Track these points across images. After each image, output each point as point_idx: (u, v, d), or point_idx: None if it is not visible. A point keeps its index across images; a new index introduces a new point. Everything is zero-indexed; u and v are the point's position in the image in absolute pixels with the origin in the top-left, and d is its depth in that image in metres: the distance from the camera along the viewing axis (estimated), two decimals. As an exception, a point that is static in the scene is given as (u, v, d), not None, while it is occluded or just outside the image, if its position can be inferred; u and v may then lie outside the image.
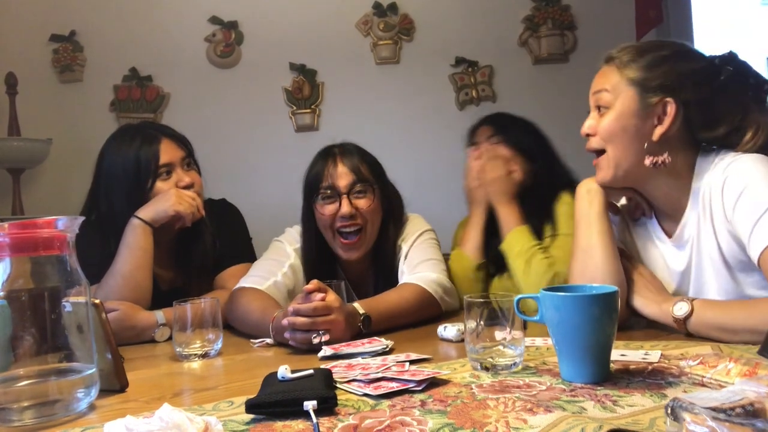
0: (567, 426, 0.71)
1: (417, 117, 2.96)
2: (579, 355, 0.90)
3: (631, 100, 1.20)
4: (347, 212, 1.55)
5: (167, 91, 2.96)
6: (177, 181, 1.60)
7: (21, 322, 0.87)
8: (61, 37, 2.92)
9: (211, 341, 1.25)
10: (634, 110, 1.19)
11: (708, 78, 1.19)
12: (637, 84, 1.19)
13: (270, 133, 2.94)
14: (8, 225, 0.87)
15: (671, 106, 1.17)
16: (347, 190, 1.56)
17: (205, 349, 1.24)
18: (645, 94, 1.18)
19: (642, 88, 1.19)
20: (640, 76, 1.19)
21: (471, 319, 1.00)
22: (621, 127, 1.20)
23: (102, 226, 1.61)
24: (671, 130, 1.18)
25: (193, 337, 1.24)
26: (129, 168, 1.59)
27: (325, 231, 1.60)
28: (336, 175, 1.57)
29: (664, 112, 1.18)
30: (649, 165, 1.19)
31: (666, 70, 1.18)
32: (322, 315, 1.22)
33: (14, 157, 2.68)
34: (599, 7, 2.98)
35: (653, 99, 1.18)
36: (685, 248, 1.24)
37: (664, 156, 1.19)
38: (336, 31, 2.98)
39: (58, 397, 0.86)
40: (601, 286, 0.98)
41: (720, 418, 0.59)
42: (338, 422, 0.77)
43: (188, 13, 2.97)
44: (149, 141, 1.61)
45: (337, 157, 1.60)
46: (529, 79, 2.98)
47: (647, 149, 1.19)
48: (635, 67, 1.20)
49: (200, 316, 1.25)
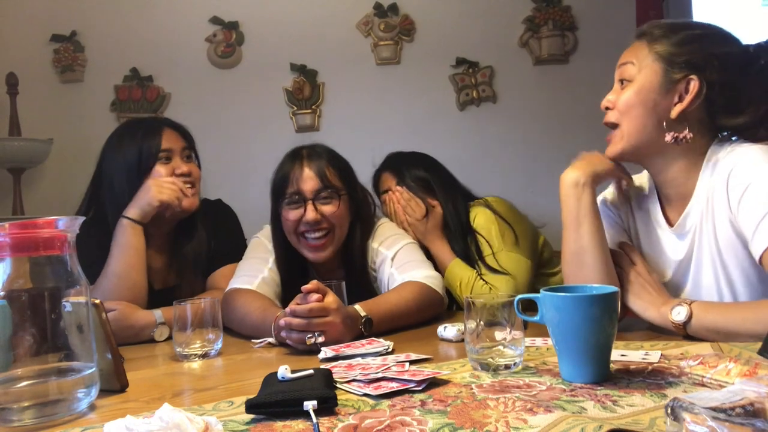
0: (567, 426, 0.71)
1: (417, 118, 2.96)
2: (579, 355, 0.90)
3: (654, 74, 1.18)
4: (311, 218, 1.53)
5: (168, 91, 2.96)
6: (174, 168, 1.61)
7: (21, 322, 0.87)
8: (61, 37, 2.92)
9: (211, 341, 1.26)
10: (656, 85, 1.18)
11: (738, 63, 1.17)
12: (663, 59, 1.18)
13: (271, 133, 2.94)
14: (8, 225, 0.87)
15: (695, 83, 1.15)
16: (312, 196, 1.54)
17: (205, 349, 1.24)
18: (670, 69, 1.17)
19: (668, 63, 1.17)
20: (668, 50, 1.18)
21: (471, 319, 1.00)
22: (640, 101, 1.19)
23: (101, 222, 1.61)
24: (690, 108, 1.16)
25: (193, 337, 1.24)
26: (131, 157, 1.60)
27: (290, 235, 1.59)
28: (302, 180, 1.55)
29: (686, 90, 1.16)
30: (670, 140, 1.17)
31: (695, 48, 1.17)
32: (318, 316, 1.21)
33: (15, 157, 2.68)
34: (600, 7, 2.97)
35: (677, 75, 1.16)
36: (686, 238, 1.23)
37: (686, 132, 1.16)
38: (337, 31, 2.98)
39: (58, 397, 0.86)
40: (601, 286, 0.98)
41: (720, 418, 0.59)
42: (338, 422, 0.77)
43: (189, 13, 2.97)
44: (152, 130, 1.64)
45: (304, 160, 1.57)
46: (530, 80, 2.98)
47: (668, 125, 1.18)
48: (665, 43, 1.19)
49: (200, 316, 1.25)
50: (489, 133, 2.95)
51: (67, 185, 2.79)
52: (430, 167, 1.89)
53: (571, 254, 1.25)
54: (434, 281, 1.52)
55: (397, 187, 1.84)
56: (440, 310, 1.54)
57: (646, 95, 1.19)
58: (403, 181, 1.83)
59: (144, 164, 1.60)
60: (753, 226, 1.08)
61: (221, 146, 2.78)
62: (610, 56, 3.02)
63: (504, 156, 2.93)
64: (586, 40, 2.97)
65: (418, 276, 1.52)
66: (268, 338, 1.33)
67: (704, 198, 1.18)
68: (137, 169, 1.60)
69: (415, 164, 1.88)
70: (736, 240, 1.15)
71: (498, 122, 2.94)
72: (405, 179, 1.84)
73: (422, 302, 1.47)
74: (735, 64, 1.17)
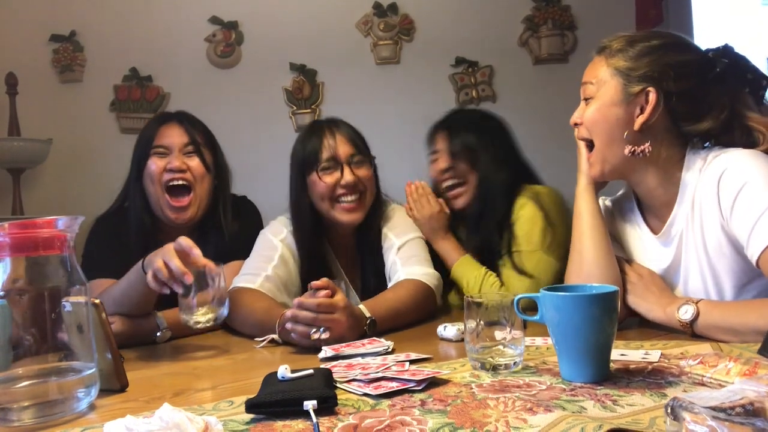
0: (567, 426, 0.71)
1: (417, 117, 2.95)
2: (579, 354, 0.90)
3: (614, 89, 1.20)
4: (351, 180, 1.58)
5: (167, 91, 2.96)
6: (167, 163, 1.60)
7: (21, 322, 0.87)
8: (61, 37, 2.92)
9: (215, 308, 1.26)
10: (616, 100, 1.20)
11: (695, 71, 1.18)
12: (621, 73, 1.20)
13: (270, 133, 2.93)
14: (8, 225, 0.87)
15: (652, 94, 1.16)
16: (348, 160, 1.60)
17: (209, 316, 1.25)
18: (628, 83, 1.19)
19: (625, 77, 1.19)
20: (625, 65, 1.19)
21: (471, 318, 1.00)
22: (603, 117, 1.21)
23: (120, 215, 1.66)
24: (652, 119, 1.18)
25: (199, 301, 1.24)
26: (136, 144, 1.66)
27: (323, 202, 1.60)
28: (336, 146, 1.60)
29: (646, 101, 1.17)
30: (628, 154, 1.19)
31: (652, 60, 1.18)
32: (325, 312, 1.22)
33: (14, 157, 2.68)
34: (599, 7, 2.97)
35: (636, 88, 1.18)
36: (671, 245, 1.23)
37: (645, 146, 1.18)
38: (336, 31, 2.98)
39: (58, 397, 0.86)
40: (601, 286, 0.98)
41: (720, 418, 0.59)
42: (338, 422, 0.77)
43: (188, 13, 2.97)
44: (157, 121, 1.67)
45: (333, 129, 1.63)
46: (530, 79, 2.98)
47: (627, 138, 1.19)
48: (622, 57, 1.20)
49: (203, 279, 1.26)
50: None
51: (66, 185, 2.80)
52: (486, 136, 1.77)
53: (575, 251, 1.29)
54: (432, 280, 1.56)
55: (416, 182, 1.82)
56: (434, 306, 1.58)
57: (608, 110, 1.21)
58: (451, 144, 1.76)
59: (142, 158, 1.61)
60: (748, 229, 1.08)
61: (221, 146, 2.77)
62: (609, 56, 2.97)
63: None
64: (585, 39, 2.97)
65: (418, 273, 1.55)
66: (271, 335, 1.33)
67: (689, 203, 1.19)
68: (137, 165, 1.62)
69: (472, 129, 1.78)
70: (726, 244, 1.15)
71: (497, 122, 2.94)
72: (453, 142, 1.76)
73: (420, 301, 1.50)
74: (692, 72, 1.18)
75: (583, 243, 1.27)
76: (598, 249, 1.25)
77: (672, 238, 1.23)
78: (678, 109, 1.18)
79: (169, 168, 1.60)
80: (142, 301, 1.38)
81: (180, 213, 1.61)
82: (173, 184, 1.60)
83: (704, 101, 1.18)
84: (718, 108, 1.18)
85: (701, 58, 1.20)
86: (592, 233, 1.27)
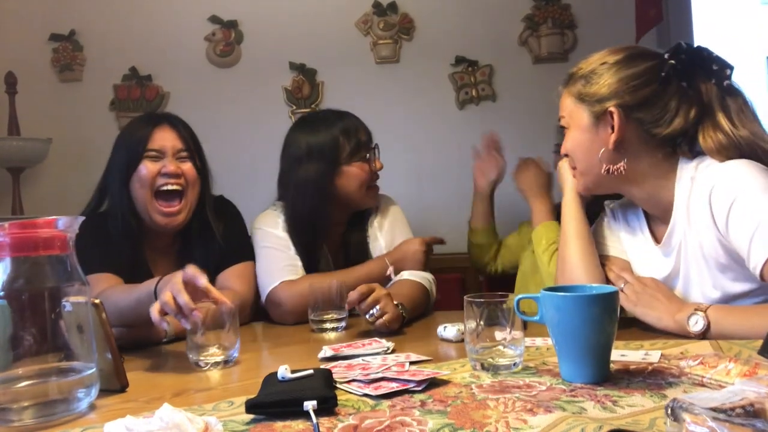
0: (567, 426, 0.71)
1: (417, 116, 2.96)
2: (579, 355, 0.90)
3: (581, 117, 1.25)
4: (380, 167, 1.73)
5: (167, 90, 2.96)
6: (161, 167, 1.55)
7: (21, 322, 0.87)
8: (60, 36, 2.91)
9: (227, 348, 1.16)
10: (585, 126, 1.24)
11: (649, 77, 1.20)
12: (582, 100, 1.24)
13: (270, 132, 2.91)
14: (8, 225, 0.87)
15: (615, 113, 1.20)
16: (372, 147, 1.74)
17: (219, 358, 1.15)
18: (592, 108, 1.23)
19: (588, 103, 1.23)
20: (585, 92, 1.24)
21: (471, 319, 1.00)
22: (578, 144, 1.27)
23: (100, 213, 1.61)
24: (623, 136, 1.20)
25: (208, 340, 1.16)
26: (121, 155, 1.58)
27: (360, 189, 1.69)
28: (363, 132, 1.73)
29: (612, 120, 1.21)
30: (604, 173, 1.23)
31: (606, 80, 1.22)
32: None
33: (14, 157, 2.67)
34: (599, 6, 2.97)
35: (599, 110, 1.22)
36: (671, 255, 1.25)
37: (620, 164, 1.22)
38: (336, 30, 2.97)
39: (58, 397, 0.86)
40: (601, 286, 0.98)
41: (720, 419, 0.59)
42: (338, 422, 0.77)
43: (188, 12, 2.97)
44: (148, 123, 1.61)
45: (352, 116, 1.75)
46: (529, 78, 2.97)
47: (602, 158, 1.23)
48: (581, 84, 1.25)
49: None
50: (488, 131, 2.94)
51: (66, 185, 2.79)
52: None
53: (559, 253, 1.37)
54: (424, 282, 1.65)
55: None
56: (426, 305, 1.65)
57: (582, 136, 1.26)
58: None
59: (132, 161, 1.55)
60: (747, 242, 1.08)
61: (220, 145, 2.76)
62: (609, 55, 2.97)
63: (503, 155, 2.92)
64: (585, 38, 2.97)
65: (414, 275, 1.64)
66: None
67: (685, 215, 1.20)
68: (126, 167, 1.56)
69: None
70: (725, 255, 1.15)
71: (497, 121, 2.93)
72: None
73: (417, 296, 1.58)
74: (647, 80, 1.20)
75: (569, 248, 1.33)
76: (582, 254, 1.31)
77: (672, 248, 1.25)
78: (645, 119, 1.20)
79: (164, 172, 1.55)
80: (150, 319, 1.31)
81: (170, 218, 1.57)
82: (166, 189, 1.56)
83: (667, 104, 1.19)
84: (685, 105, 1.19)
85: (653, 64, 1.21)
86: (578, 241, 1.32)
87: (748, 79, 3.38)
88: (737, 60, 1.21)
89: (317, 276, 1.60)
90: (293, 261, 1.65)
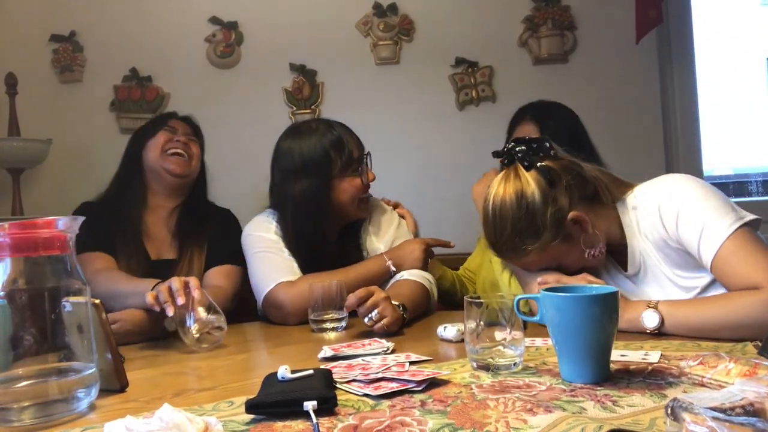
0: (567, 426, 0.71)
1: (417, 117, 2.96)
2: (579, 355, 0.90)
3: (554, 250, 1.27)
4: (373, 178, 1.71)
5: (167, 91, 2.96)
6: (173, 136, 1.81)
7: (21, 322, 0.87)
8: (61, 37, 2.91)
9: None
10: (562, 250, 1.28)
11: (567, 169, 1.29)
12: (544, 245, 1.26)
13: (270, 133, 2.91)
14: (8, 225, 0.87)
15: (578, 217, 1.25)
16: (364, 160, 1.69)
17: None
18: (554, 239, 1.25)
19: (548, 241, 1.25)
20: (540, 241, 1.25)
21: (471, 319, 1.00)
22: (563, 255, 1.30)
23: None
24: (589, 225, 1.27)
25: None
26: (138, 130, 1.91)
27: (352, 203, 1.67)
28: (355, 146, 1.68)
29: (576, 223, 1.26)
30: (590, 258, 1.29)
31: (550, 216, 1.24)
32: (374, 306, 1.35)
33: (14, 157, 2.67)
34: (599, 7, 2.97)
35: (562, 233, 1.25)
36: (637, 279, 1.32)
37: (598, 249, 1.29)
38: (336, 31, 2.97)
39: (58, 397, 0.86)
40: (602, 287, 0.98)
41: (720, 418, 0.59)
42: (338, 422, 0.77)
43: (188, 13, 2.97)
44: (162, 116, 1.94)
45: (343, 128, 1.70)
46: (529, 80, 2.97)
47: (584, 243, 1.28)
48: (536, 242, 1.26)
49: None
50: (488, 132, 2.93)
51: (66, 185, 2.79)
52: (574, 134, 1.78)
53: None
54: (425, 282, 1.64)
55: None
56: (427, 306, 1.64)
57: (564, 257, 1.32)
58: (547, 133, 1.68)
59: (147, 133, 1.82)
60: (696, 242, 1.18)
61: (220, 146, 2.76)
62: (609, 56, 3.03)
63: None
64: (585, 39, 2.97)
65: (414, 275, 1.64)
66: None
67: (638, 236, 1.29)
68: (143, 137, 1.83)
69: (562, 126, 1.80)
70: (676, 253, 1.24)
71: (497, 122, 2.92)
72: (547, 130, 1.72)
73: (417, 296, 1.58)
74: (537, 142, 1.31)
75: None
76: None
77: (637, 270, 1.31)
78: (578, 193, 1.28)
79: (175, 139, 1.80)
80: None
81: (180, 162, 1.79)
82: (174, 151, 1.79)
83: (572, 169, 1.30)
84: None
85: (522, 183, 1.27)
86: None
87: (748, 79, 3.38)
88: (737, 60, 1.22)
89: (316, 276, 1.60)
90: (289, 262, 1.64)
